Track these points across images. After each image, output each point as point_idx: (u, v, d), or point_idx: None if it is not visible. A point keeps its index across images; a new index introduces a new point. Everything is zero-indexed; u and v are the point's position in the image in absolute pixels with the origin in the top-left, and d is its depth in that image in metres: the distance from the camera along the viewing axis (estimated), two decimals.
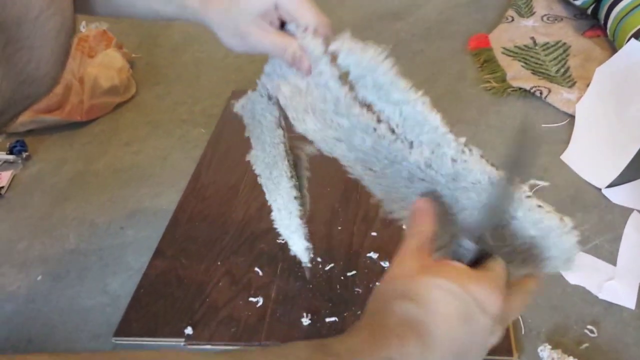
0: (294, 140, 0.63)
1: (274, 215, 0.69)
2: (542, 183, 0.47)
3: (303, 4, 0.54)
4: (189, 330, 0.69)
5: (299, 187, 0.65)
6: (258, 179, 0.69)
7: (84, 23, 1.34)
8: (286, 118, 0.59)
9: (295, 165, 0.64)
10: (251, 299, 0.72)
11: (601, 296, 0.67)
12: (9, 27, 0.48)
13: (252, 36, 0.55)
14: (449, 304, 0.40)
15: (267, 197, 0.69)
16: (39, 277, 0.82)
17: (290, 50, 0.53)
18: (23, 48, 0.49)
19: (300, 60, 0.53)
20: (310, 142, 0.56)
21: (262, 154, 0.66)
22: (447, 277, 0.41)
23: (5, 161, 1.07)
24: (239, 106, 0.66)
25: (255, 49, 0.56)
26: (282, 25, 0.55)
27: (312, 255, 0.70)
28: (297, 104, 0.56)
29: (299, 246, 0.68)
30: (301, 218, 0.65)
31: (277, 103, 0.61)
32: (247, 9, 0.54)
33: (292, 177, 0.63)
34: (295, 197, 0.63)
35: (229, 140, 1.03)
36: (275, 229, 0.70)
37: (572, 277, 0.70)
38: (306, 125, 0.55)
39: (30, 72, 0.51)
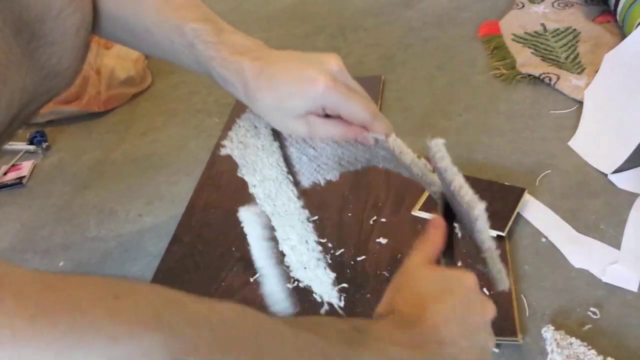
0: None
1: (289, 260, 0.58)
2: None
3: (350, 103, 0.53)
4: None
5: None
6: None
7: None
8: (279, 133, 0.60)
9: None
10: None
11: (605, 279, 0.69)
12: (32, 25, 0.50)
13: (300, 131, 0.56)
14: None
15: (279, 238, 0.58)
16: (61, 263, 0.85)
17: (351, 135, 0.56)
18: (45, 44, 0.52)
19: (366, 140, 0.56)
20: None
21: (260, 185, 0.59)
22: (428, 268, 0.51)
23: (26, 151, 1.11)
24: (227, 145, 0.62)
25: (308, 135, 0.57)
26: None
27: (339, 293, 0.63)
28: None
29: (325, 283, 0.57)
30: (317, 244, 0.58)
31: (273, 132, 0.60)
32: (293, 110, 0.55)
33: (299, 197, 0.59)
34: (308, 219, 0.58)
35: None
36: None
37: (577, 261, 0.72)
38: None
39: (52, 66, 0.53)
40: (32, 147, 1.10)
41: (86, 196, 0.98)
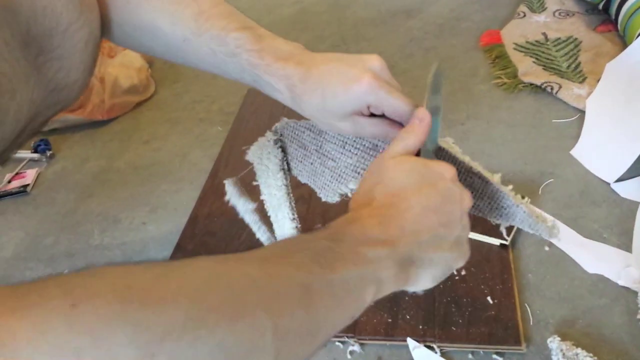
0: None
1: None
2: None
3: (392, 99, 0.54)
4: None
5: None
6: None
7: None
8: (288, 162, 0.66)
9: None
10: None
11: (621, 283, 0.69)
12: (41, 39, 0.51)
13: (347, 131, 0.58)
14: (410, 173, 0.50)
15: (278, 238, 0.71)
16: (66, 271, 0.85)
17: (394, 134, 0.56)
18: (53, 58, 0.52)
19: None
20: None
21: (269, 198, 0.69)
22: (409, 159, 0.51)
23: (30, 159, 1.11)
24: (250, 153, 0.70)
25: (356, 134, 0.59)
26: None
27: None
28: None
29: None
30: None
31: (282, 147, 0.66)
32: (339, 110, 0.56)
33: (294, 219, 0.66)
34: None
35: (246, 139, 1.05)
36: None
37: (590, 266, 0.72)
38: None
39: (60, 80, 0.54)
40: (36, 156, 1.11)
41: (90, 204, 0.98)
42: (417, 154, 0.53)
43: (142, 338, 0.31)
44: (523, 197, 0.56)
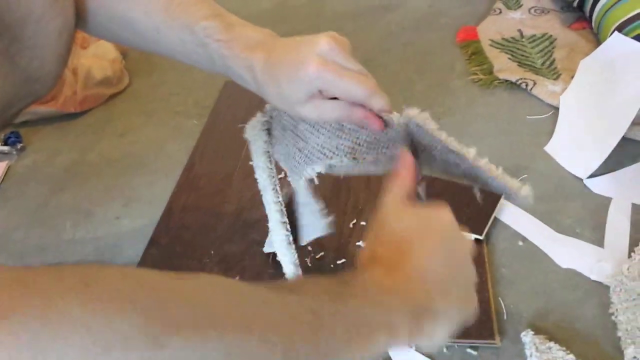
0: None
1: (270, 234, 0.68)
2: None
3: (342, 82, 0.53)
4: None
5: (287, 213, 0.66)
6: None
7: None
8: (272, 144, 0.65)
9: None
10: None
11: (593, 277, 0.70)
12: (13, 28, 0.49)
13: (310, 116, 0.56)
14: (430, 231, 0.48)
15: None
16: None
17: (356, 116, 0.56)
18: (27, 48, 0.51)
19: (372, 122, 0.56)
20: None
21: (258, 178, 0.68)
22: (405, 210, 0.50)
23: (0, 152, 1.08)
24: (245, 133, 0.68)
25: (319, 119, 0.57)
26: None
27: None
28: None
29: (288, 268, 0.66)
30: (289, 244, 0.65)
31: (267, 130, 0.65)
32: (294, 97, 0.55)
33: (277, 202, 0.65)
34: (282, 222, 0.64)
35: (222, 132, 1.05)
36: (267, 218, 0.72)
37: (563, 261, 0.73)
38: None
39: (34, 70, 0.53)
40: (6, 148, 1.08)
41: (62, 198, 0.97)
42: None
43: (154, 328, 0.31)
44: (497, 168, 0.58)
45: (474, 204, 0.81)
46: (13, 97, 0.53)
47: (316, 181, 0.63)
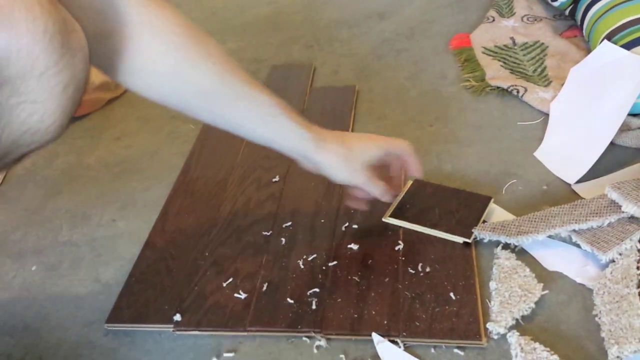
0: None
1: None
2: None
3: (409, 159, 0.80)
4: (177, 317, 0.72)
5: None
6: None
7: None
8: None
9: None
10: (237, 288, 0.76)
11: (578, 280, 0.72)
12: (13, 81, 0.48)
13: (361, 177, 0.76)
14: None
15: None
16: (34, 267, 0.85)
17: (379, 193, 0.79)
18: (27, 102, 0.50)
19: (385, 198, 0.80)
20: None
21: None
22: None
23: None
24: None
25: (357, 184, 0.78)
26: None
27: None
28: None
29: None
30: None
31: None
32: (362, 159, 0.76)
33: None
34: None
35: (217, 137, 1.06)
36: (260, 222, 0.73)
37: (550, 264, 0.74)
38: None
39: (34, 123, 0.51)
40: None
41: (59, 200, 0.98)
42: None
43: None
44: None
45: (463, 208, 0.83)
46: (11, 146, 0.52)
47: None
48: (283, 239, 0.82)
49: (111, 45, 0.62)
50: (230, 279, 0.77)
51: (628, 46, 0.99)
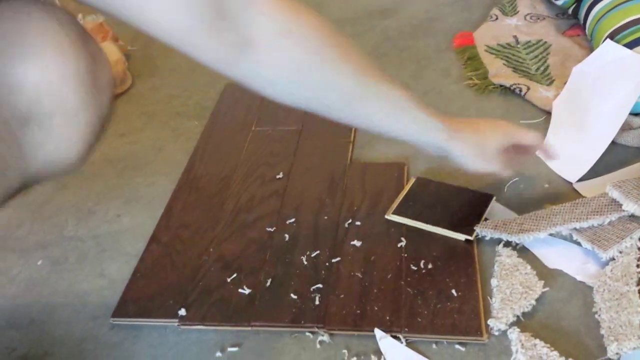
0: None
1: None
2: None
3: (533, 141, 0.82)
4: (182, 312, 0.73)
5: None
6: None
7: (80, 15, 1.37)
8: None
9: None
10: (241, 283, 0.76)
11: (579, 278, 0.73)
12: (41, 118, 0.49)
13: (495, 165, 0.78)
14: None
15: None
16: (39, 262, 0.86)
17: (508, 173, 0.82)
18: (53, 137, 0.51)
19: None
20: None
21: None
22: None
23: None
24: None
25: (490, 172, 0.79)
26: None
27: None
28: None
29: None
30: None
31: None
32: (495, 146, 0.77)
33: None
34: None
35: (222, 133, 1.07)
36: (264, 218, 0.73)
37: (551, 262, 0.75)
38: None
39: (58, 157, 0.52)
40: None
41: (64, 196, 0.99)
42: None
43: None
44: None
45: (465, 206, 0.84)
46: (34, 175, 0.53)
47: None
48: (287, 235, 0.83)
49: (254, 60, 0.58)
50: (235, 275, 0.78)
51: (631, 45, 0.99)
